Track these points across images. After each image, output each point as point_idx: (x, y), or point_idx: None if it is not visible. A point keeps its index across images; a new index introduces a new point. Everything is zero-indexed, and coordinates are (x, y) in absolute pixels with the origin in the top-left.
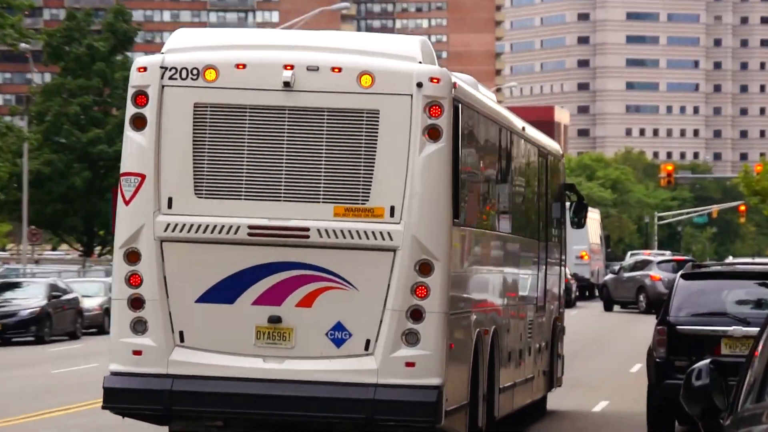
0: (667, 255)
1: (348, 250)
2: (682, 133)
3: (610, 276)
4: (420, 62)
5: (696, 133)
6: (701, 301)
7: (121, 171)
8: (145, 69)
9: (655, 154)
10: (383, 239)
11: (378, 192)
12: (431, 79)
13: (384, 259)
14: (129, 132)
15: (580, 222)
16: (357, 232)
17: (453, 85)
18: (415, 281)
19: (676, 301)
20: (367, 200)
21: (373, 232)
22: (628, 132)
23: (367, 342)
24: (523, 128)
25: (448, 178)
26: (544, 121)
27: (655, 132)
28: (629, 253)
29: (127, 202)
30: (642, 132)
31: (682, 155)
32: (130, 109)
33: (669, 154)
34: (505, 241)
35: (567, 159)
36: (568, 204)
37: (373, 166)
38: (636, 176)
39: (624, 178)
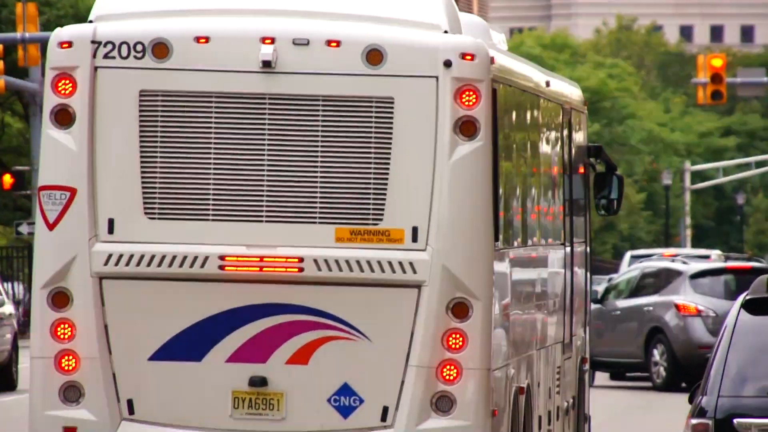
0: (714, 258)
1: (356, 287)
2: None
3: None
4: (446, 31)
5: None
6: None
7: (41, 183)
8: (69, 44)
9: (685, 32)
10: (404, 272)
11: (395, 209)
12: (463, 56)
13: (405, 298)
14: (50, 130)
15: (610, 205)
16: (368, 262)
17: (491, 60)
18: (448, 327)
19: (732, 363)
20: (381, 220)
21: (389, 263)
22: None
23: (385, 410)
24: (547, 83)
25: (487, 189)
26: None
27: None
28: (628, 254)
29: (51, 226)
30: None
31: (746, 34)
32: (51, 99)
33: (716, 32)
34: (540, 258)
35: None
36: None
37: (387, 174)
38: (643, 81)
39: (616, 87)
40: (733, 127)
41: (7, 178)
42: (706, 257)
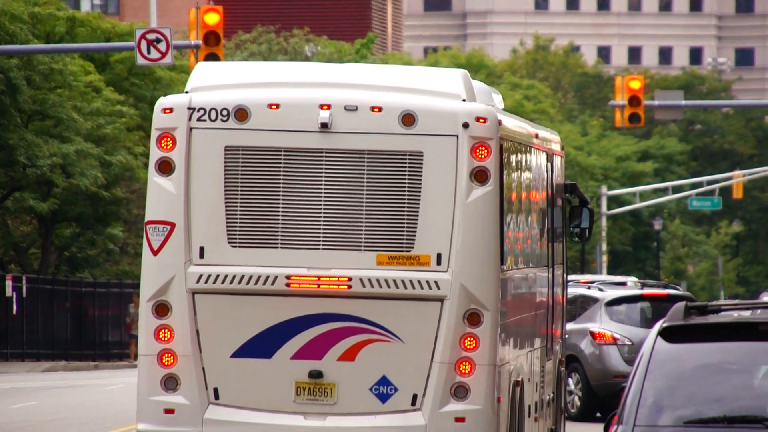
0: (630, 285)
1: (392, 300)
2: (664, 3)
3: None
4: (464, 99)
5: (695, 2)
6: (708, 392)
7: (147, 219)
8: (171, 110)
9: (602, 53)
10: (430, 288)
11: (423, 239)
12: (478, 119)
13: (431, 309)
14: (155, 177)
15: (582, 233)
16: (402, 281)
17: (498, 122)
18: (464, 332)
19: (650, 392)
20: (412, 247)
21: (419, 281)
22: (540, 3)
23: (414, 397)
24: (536, 135)
25: (495, 223)
26: None
27: (603, 2)
28: None
29: (155, 253)
30: (572, 1)
31: (664, 55)
32: (155, 153)
33: (633, 53)
34: (531, 278)
35: (394, 64)
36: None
37: (417, 212)
38: (559, 103)
39: (532, 109)
40: (650, 152)
41: None
42: (623, 284)
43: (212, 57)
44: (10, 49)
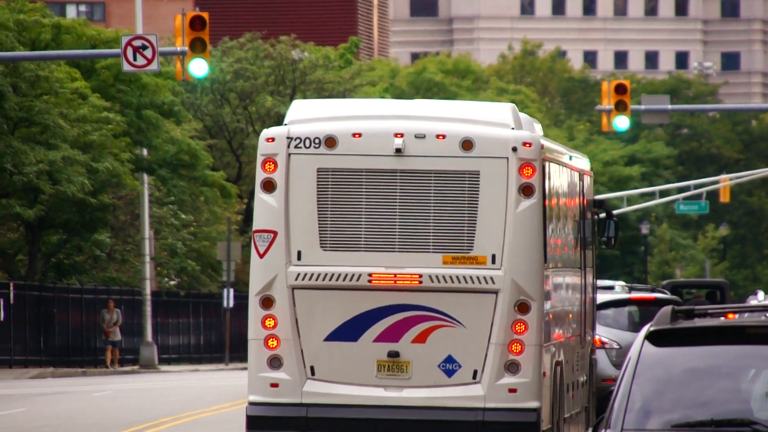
0: (617, 289)
1: (456, 293)
2: (650, 8)
3: None
4: (512, 128)
5: (681, 7)
6: (695, 396)
7: (254, 228)
8: (273, 139)
9: (588, 58)
10: (486, 283)
11: (481, 242)
12: (524, 144)
13: (487, 300)
14: (260, 194)
15: (609, 242)
16: (463, 277)
17: (541, 146)
18: (515, 318)
19: (638, 396)
20: (471, 249)
21: (477, 277)
22: (527, 8)
23: (475, 372)
24: (570, 157)
25: (540, 229)
26: None
27: (588, 7)
28: None
29: (261, 256)
30: (558, 6)
31: (650, 60)
32: (261, 174)
33: (619, 58)
34: (568, 276)
35: (381, 70)
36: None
37: (475, 220)
38: (546, 108)
39: (520, 111)
40: (637, 156)
41: None
42: (610, 288)
43: (198, 63)
44: None
